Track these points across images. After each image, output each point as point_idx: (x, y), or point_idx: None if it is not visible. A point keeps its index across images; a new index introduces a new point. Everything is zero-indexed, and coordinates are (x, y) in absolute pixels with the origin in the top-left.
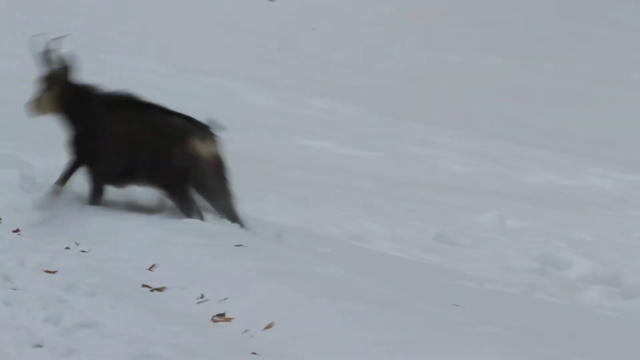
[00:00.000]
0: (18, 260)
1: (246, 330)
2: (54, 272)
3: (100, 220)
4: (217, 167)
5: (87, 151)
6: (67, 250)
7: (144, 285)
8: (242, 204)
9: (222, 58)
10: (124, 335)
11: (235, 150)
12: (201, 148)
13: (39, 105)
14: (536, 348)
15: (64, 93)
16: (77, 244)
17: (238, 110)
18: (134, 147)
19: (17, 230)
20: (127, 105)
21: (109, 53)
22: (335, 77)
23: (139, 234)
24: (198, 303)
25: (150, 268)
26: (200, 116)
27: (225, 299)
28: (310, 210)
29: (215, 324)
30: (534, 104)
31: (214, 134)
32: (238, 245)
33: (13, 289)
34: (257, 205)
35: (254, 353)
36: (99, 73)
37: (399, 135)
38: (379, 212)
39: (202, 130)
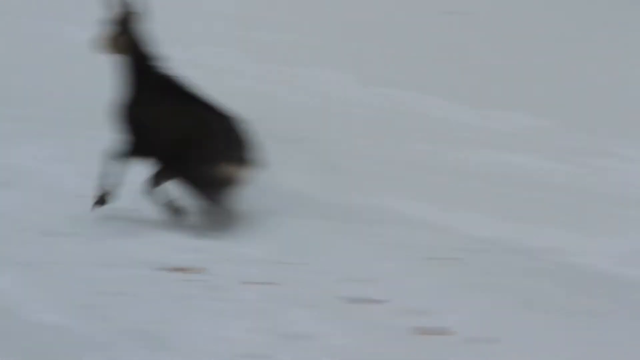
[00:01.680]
0: (227, 271)
1: (457, 344)
2: (268, 284)
3: (313, 232)
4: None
5: (131, 120)
6: (281, 262)
7: (356, 299)
8: (446, 218)
9: (406, 70)
10: (337, 347)
11: (424, 163)
12: (231, 173)
13: (102, 44)
14: None
15: (127, 39)
16: (292, 256)
17: (421, 123)
18: (167, 138)
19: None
20: (183, 96)
21: (299, 66)
22: (521, 89)
23: (352, 247)
24: (409, 316)
25: (363, 281)
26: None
27: (435, 312)
28: (512, 224)
29: (426, 337)
30: None
31: (250, 158)
32: (447, 259)
33: (223, 301)
34: (461, 220)
35: None
36: (288, 84)
37: (591, 148)
38: (581, 226)
39: (241, 154)
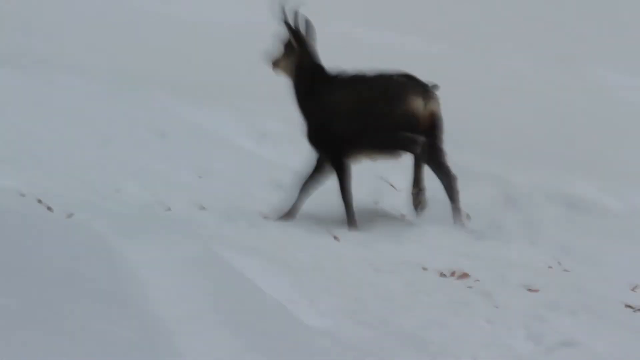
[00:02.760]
0: (500, 277)
1: None
2: (535, 291)
3: (590, 238)
4: (433, 124)
5: (324, 131)
6: (549, 269)
7: (626, 306)
8: None
9: None
10: (604, 355)
11: None
12: (420, 106)
13: (276, 65)
14: None
15: (299, 63)
16: (559, 263)
17: None
18: (361, 113)
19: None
20: (348, 77)
21: (584, 65)
22: None
23: (621, 254)
24: None
25: (633, 289)
26: None
27: None
28: None
29: None
30: None
31: (432, 92)
32: None
33: (495, 307)
34: None
35: None
36: (571, 86)
37: None
38: None
39: (422, 89)
